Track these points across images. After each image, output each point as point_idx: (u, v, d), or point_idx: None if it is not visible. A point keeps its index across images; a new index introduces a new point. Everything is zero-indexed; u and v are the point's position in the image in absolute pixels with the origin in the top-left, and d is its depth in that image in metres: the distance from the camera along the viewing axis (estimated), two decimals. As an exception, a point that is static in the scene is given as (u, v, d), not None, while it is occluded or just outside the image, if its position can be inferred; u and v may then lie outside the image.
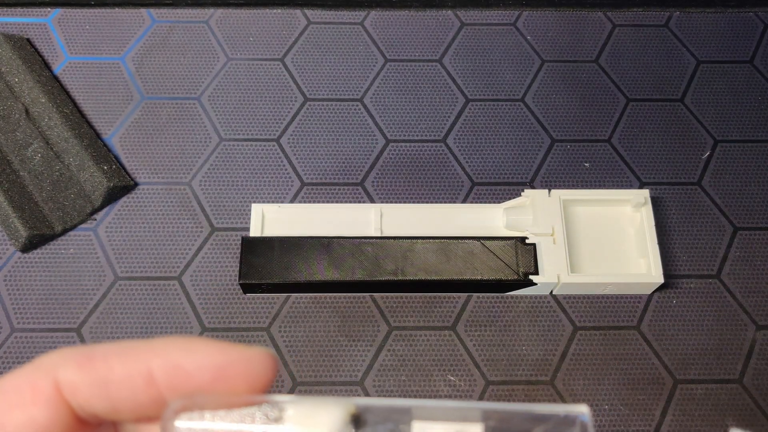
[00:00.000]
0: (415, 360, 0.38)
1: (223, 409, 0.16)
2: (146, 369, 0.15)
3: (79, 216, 0.41)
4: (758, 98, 0.46)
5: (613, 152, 0.44)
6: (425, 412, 0.16)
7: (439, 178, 0.43)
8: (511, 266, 0.38)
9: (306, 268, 0.38)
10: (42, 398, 0.15)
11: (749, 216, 0.43)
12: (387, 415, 0.16)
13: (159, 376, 0.16)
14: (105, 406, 0.16)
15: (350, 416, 0.15)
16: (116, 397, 0.15)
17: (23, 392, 0.15)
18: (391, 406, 0.16)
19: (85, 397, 0.15)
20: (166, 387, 0.16)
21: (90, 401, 0.15)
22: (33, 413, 0.15)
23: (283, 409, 0.16)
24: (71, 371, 0.15)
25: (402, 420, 0.16)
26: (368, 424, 0.16)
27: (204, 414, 0.15)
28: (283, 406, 0.16)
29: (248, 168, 0.43)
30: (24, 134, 0.42)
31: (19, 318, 0.39)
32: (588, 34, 0.48)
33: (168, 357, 0.16)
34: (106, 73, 0.46)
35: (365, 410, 0.16)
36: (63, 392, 0.15)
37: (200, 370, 0.16)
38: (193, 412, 0.15)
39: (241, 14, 0.48)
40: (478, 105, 0.46)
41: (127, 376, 0.15)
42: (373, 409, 0.16)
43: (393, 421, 0.16)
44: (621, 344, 0.39)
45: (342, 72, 0.46)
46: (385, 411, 0.16)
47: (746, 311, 0.40)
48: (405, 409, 0.16)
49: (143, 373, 0.15)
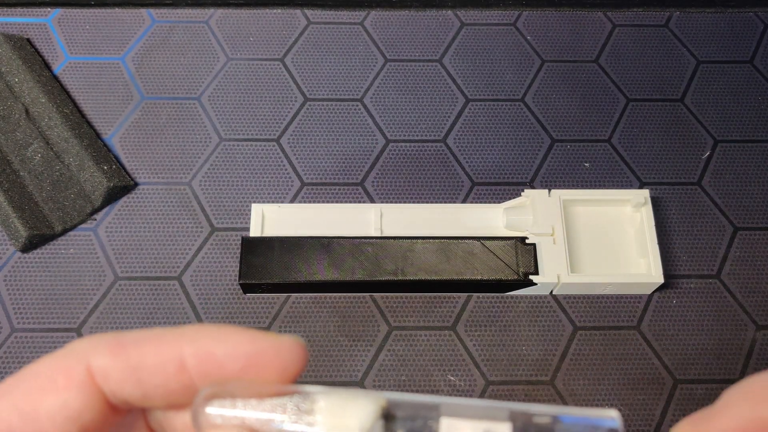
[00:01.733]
0: (415, 360, 0.38)
1: (254, 397, 0.15)
2: (178, 356, 0.15)
3: (79, 216, 0.41)
4: (758, 98, 0.46)
5: (613, 152, 0.44)
6: (454, 409, 0.16)
7: (439, 178, 0.43)
8: (511, 266, 0.38)
9: (306, 268, 0.38)
10: (75, 383, 0.15)
11: (749, 216, 0.43)
12: (416, 411, 0.16)
13: (190, 363, 0.16)
14: (136, 393, 0.16)
15: (381, 410, 0.15)
16: (148, 384, 0.15)
17: (56, 377, 0.15)
18: (420, 402, 0.16)
19: (117, 383, 0.15)
20: (197, 374, 0.16)
21: (122, 387, 0.15)
22: (66, 398, 0.15)
23: (314, 401, 0.15)
24: (104, 357, 0.15)
25: (430, 416, 0.16)
26: (398, 418, 0.16)
27: (236, 402, 0.15)
28: (315, 397, 0.16)
29: (248, 168, 0.43)
30: (24, 134, 0.42)
31: (19, 318, 0.39)
32: (588, 34, 0.48)
33: (199, 344, 0.16)
34: (106, 73, 0.46)
35: (395, 405, 0.16)
36: (95, 378, 0.15)
37: (231, 358, 0.16)
38: (224, 400, 0.15)
39: (241, 14, 0.48)
40: (478, 105, 0.46)
41: (159, 363, 0.15)
42: (402, 405, 0.16)
43: (422, 417, 0.16)
44: (621, 344, 0.39)
45: (342, 72, 0.46)
46: (414, 407, 0.16)
47: (746, 311, 0.40)
48: (434, 406, 0.16)
49: (175, 360, 0.15)
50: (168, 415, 0.17)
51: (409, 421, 0.16)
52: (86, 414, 0.15)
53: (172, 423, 0.17)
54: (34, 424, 0.15)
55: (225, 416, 0.15)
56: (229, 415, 0.15)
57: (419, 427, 0.15)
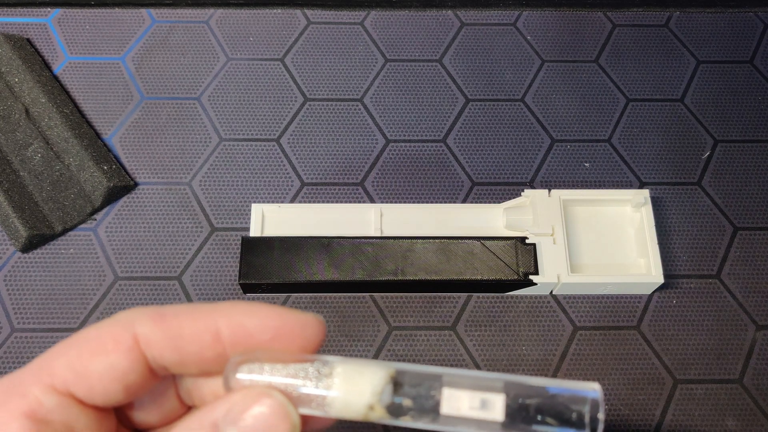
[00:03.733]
0: (415, 360, 0.38)
1: (280, 363, 0.17)
2: (214, 327, 0.17)
3: (79, 216, 0.41)
4: (758, 98, 0.46)
5: (613, 152, 0.44)
6: (455, 379, 0.17)
7: (439, 178, 0.43)
8: (511, 266, 0.38)
9: (306, 268, 0.38)
10: (122, 348, 0.17)
11: (749, 216, 0.43)
12: (421, 380, 0.17)
13: (225, 333, 0.17)
14: (174, 359, 0.17)
15: (390, 378, 0.17)
16: (185, 351, 0.17)
17: (106, 342, 0.17)
18: (425, 373, 0.18)
19: (159, 349, 0.17)
20: (230, 344, 0.17)
21: (162, 354, 0.17)
22: (114, 360, 0.17)
23: (332, 367, 0.17)
24: (147, 326, 0.17)
25: (434, 386, 0.17)
26: (405, 385, 0.17)
27: (263, 367, 0.17)
28: (333, 364, 0.17)
29: (248, 168, 0.43)
30: (24, 134, 0.42)
31: (19, 318, 0.39)
32: (588, 34, 0.48)
33: (233, 317, 0.17)
34: (106, 73, 0.46)
35: (403, 374, 0.18)
36: (140, 344, 0.17)
37: (261, 330, 0.17)
38: (253, 365, 0.17)
39: (241, 14, 0.48)
40: (478, 105, 0.46)
41: (197, 332, 0.17)
42: (410, 374, 0.18)
43: (426, 385, 0.17)
44: (621, 344, 0.39)
45: (342, 72, 0.46)
46: (420, 376, 0.18)
47: (746, 311, 0.40)
48: (437, 376, 0.17)
49: (211, 330, 0.17)
50: (198, 383, 0.19)
51: (415, 388, 0.17)
52: (130, 375, 0.17)
53: (201, 391, 0.19)
54: (85, 381, 0.17)
55: (254, 380, 0.17)
56: (258, 379, 0.17)
57: (424, 393, 0.17)
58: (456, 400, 0.17)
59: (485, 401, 0.17)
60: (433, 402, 0.17)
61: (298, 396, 0.17)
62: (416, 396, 0.17)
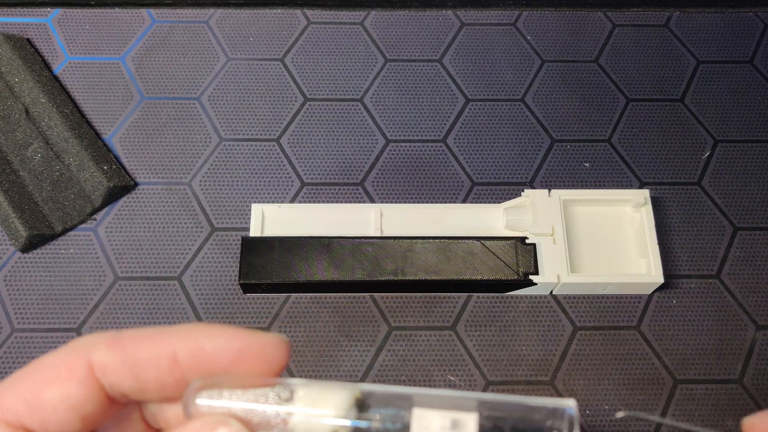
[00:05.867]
0: (415, 360, 0.38)
1: (240, 388, 0.17)
2: (171, 351, 0.17)
3: (79, 216, 0.41)
4: (758, 98, 0.46)
5: (613, 152, 0.44)
6: (425, 399, 0.17)
7: (439, 178, 0.43)
8: (511, 266, 0.38)
9: (306, 268, 0.38)
10: (77, 376, 0.16)
11: (749, 216, 0.43)
12: (389, 401, 0.17)
13: (182, 357, 0.17)
14: (133, 386, 0.17)
15: (355, 400, 0.17)
16: (143, 377, 0.17)
17: (60, 370, 0.16)
18: (393, 393, 0.17)
19: (115, 376, 0.17)
20: (188, 368, 0.17)
21: (119, 380, 0.17)
22: (69, 389, 0.16)
23: (294, 391, 0.17)
24: (103, 352, 0.17)
25: (403, 406, 0.17)
26: (371, 408, 0.17)
27: (222, 392, 0.17)
28: (294, 387, 0.17)
29: (248, 168, 0.43)
30: (24, 134, 0.42)
31: (19, 318, 0.39)
32: (588, 34, 0.48)
33: (190, 340, 0.17)
34: (106, 73, 0.46)
35: (369, 395, 0.17)
36: (95, 371, 0.17)
37: (220, 353, 0.17)
38: (212, 391, 0.17)
39: (241, 14, 0.48)
40: (478, 105, 0.46)
41: (154, 358, 0.17)
42: (376, 395, 0.17)
43: (395, 406, 0.17)
44: (621, 344, 0.39)
45: (342, 72, 0.46)
46: (387, 397, 0.17)
47: (746, 311, 0.40)
48: (406, 396, 0.17)
49: (168, 354, 0.17)
50: (162, 407, 0.18)
51: (383, 409, 0.17)
52: (87, 405, 0.16)
53: (165, 415, 0.18)
54: (38, 412, 0.16)
55: (213, 406, 0.16)
56: (217, 405, 0.16)
57: (392, 414, 0.16)
58: (427, 421, 0.16)
59: (457, 421, 0.16)
60: (402, 423, 0.16)
61: (258, 422, 0.16)
62: (384, 417, 0.16)
